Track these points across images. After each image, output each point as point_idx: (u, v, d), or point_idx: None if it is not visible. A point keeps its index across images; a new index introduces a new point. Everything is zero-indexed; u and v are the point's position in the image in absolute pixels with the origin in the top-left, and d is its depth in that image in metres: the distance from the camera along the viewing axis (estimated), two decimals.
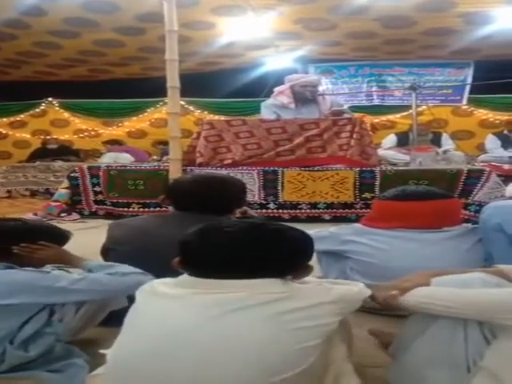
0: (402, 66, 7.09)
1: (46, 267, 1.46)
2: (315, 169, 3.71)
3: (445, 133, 5.91)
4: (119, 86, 7.28)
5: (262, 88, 6.34)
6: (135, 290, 1.05)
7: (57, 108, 7.90)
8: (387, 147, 5.62)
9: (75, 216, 3.91)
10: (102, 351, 0.99)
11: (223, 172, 3.56)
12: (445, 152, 5.18)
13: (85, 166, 4.09)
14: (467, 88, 6.99)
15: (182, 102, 5.96)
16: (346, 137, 3.82)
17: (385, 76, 7.19)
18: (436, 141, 5.52)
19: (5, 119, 7.95)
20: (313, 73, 6.87)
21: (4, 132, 7.99)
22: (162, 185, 3.42)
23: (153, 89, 5.92)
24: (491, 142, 5.79)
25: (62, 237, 1.55)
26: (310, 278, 1.11)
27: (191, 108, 7.47)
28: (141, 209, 3.83)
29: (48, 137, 7.60)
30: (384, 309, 1.39)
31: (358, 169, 3.65)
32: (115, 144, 7.09)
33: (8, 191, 5.86)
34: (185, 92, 3.87)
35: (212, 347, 0.88)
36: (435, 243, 1.74)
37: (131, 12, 4.97)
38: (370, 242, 1.81)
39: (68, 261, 1.49)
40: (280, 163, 3.81)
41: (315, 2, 4.77)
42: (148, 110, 7.73)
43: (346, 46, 6.32)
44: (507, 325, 1.00)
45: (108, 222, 1.95)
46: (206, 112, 7.54)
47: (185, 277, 1.00)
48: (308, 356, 0.92)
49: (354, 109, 6.00)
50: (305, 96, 4.20)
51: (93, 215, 3.95)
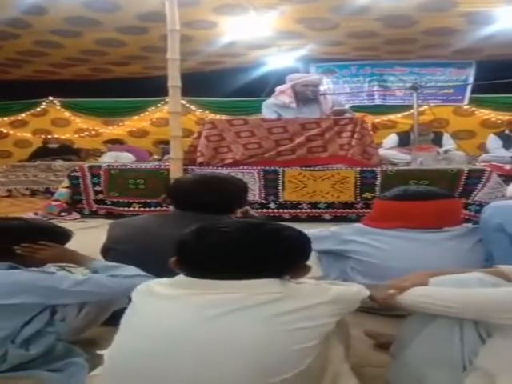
0: (404, 66, 7.08)
1: (49, 267, 1.47)
2: (316, 168, 3.70)
3: (446, 133, 5.90)
4: (120, 86, 7.28)
5: (264, 87, 6.34)
6: None
7: (58, 107, 7.90)
8: (388, 147, 5.62)
9: (75, 215, 3.91)
10: (100, 352, 0.99)
11: (224, 171, 3.55)
12: (446, 152, 5.17)
13: (85, 166, 4.09)
14: (469, 88, 6.98)
15: (183, 102, 5.95)
16: (347, 136, 3.81)
17: (386, 76, 7.18)
18: (437, 141, 5.51)
19: (5, 118, 7.96)
20: (314, 72, 6.86)
21: (5, 131, 8.00)
22: (163, 184, 3.42)
23: (154, 88, 5.93)
24: (492, 142, 5.79)
25: (64, 236, 1.55)
26: (309, 279, 1.10)
27: (192, 107, 7.47)
28: (141, 208, 3.83)
29: (49, 136, 7.59)
30: (383, 309, 1.39)
31: (359, 168, 3.65)
32: (116, 143, 7.07)
33: (8, 190, 5.86)
34: (186, 91, 3.87)
35: (209, 348, 0.87)
36: (436, 243, 1.74)
37: (133, 11, 4.97)
38: (371, 242, 1.81)
39: (72, 260, 1.49)
40: (281, 163, 3.81)
41: (317, 2, 4.77)
42: (149, 110, 7.73)
43: (348, 46, 6.31)
44: (503, 324, 1.00)
45: (108, 222, 1.95)
46: (207, 111, 7.53)
47: (181, 277, 0.99)
48: (306, 357, 0.91)
49: (355, 108, 5.99)
50: (306, 95, 4.20)
51: (93, 215, 3.94)
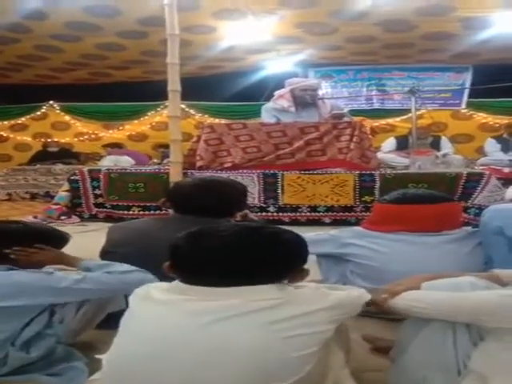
0: (402, 70, 7.11)
1: (47, 268, 1.47)
2: (315, 172, 3.71)
3: (444, 136, 5.92)
4: (120, 90, 7.30)
5: (262, 92, 6.35)
6: (137, 288, 1.04)
7: (58, 111, 7.91)
8: (387, 151, 5.63)
9: (75, 219, 3.91)
10: (98, 356, 0.98)
11: (223, 175, 3.56)
12: (444, 155, 5.18)
13: (85, 169, 4.10)
14: (466, 92, 7.01)
15: (183, 106, 5.97)
16: (346, 140, 3.82)
17: (384, 80, 7.21)
18: (435, 144, 5.53)
19: (6, 122, 7.97)
20: (313, 77, 6.89)
21: (5, 135, 8.00)
22: (163, 188, 3.42)
23: (154, 92, 5.96)
24: (490, 146, 5.80)
25: (62, 239, 1.56)
26: (308, 283, 1.09)
27: (192, 111, 7.49)
28: (141, 212, 3.83)
29: (49, 140, 7.60)
30: (380, 312, 1.39)
31: (358, 172, 3.66)
32: (116, 147, 7.07)
33: (8, 194, 5.86)
34: (185, 95, 3.89)
35: (206, 353, 0.86)
36: (435, 246, 1.75)
37: (133, 16, 4.99)
38: (371, 245, 1.81)
39: (66, 263, 1.50)
40: (280, 166, 3.82)
41: (316, 7, 4.80)
42: (149, 114, 7.75)
43: (346, 51, 6.34)
44: (495, 327, 1.00)
45: (108, 225, 1.95)
46: (207, 115, 7.55)
47: (177, 283, 0.97)
48: (305, 364, 0.89)
49: (354, 112, 6.00)
50: (305, 100, 4.21)
51: (93, 218, 3.94)
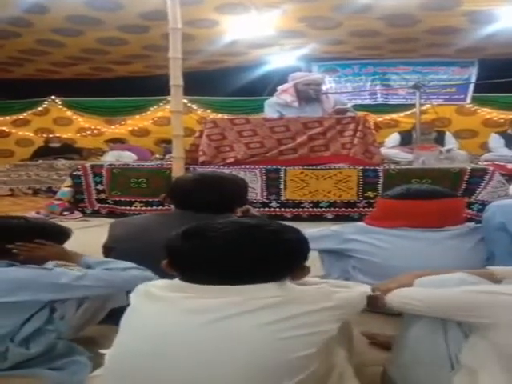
0: (406, 65, 7.06)
1: (48, 264, 1.47)
2: (318, 167, 3.70)
3: (448, 132, 5.90)
4: (122, 85, 7.28)
5: (266, 86, 6.34)
6: (137, 285, 1.03)
7: (60, 106, 7.91)
8: (390, 146, 5.60)
9: (78, 214, 3.91)
10: (102, 351, 0.98)
11: (226, 171, 3.55)
12: (448, 151, 5.15)
13: (88, 165, 4.10)
14: (471, 87, 6.96)
15: (185, 101, 5.94)
16: (350, 135, 3.80)
17: (389, 74, 7.17)
18: (439, 140, 5.49)
19: (7, 117, 7.96)
20: (316, 71, 6.84)
21: (7, 130, 8.00)
22: (165, 183, 3.42)
23: (156, 87, 5.93)
24: (495, 141, 5.76)
25: (63, 234, 1.56)
26: (311, 278, 1.08)
27: (194, 106, 7.47)
28: (143, 207, 3.83)
29: (51, 135, 7.60)
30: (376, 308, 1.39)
31: (361, 167, 3.64)
32: (118, 142, 7.06)
33: (10, 189, 5.88)
34: (188, 90, 3.87)
35: (207, 351, 0.85)
36: (438, 242, 1.74)
37: (135, 10, 4.96)
38: (373, 241, 1.80)
39: (67, 258, 1.49)
40: (283, 162, 3.80)
41: (319, 1, 4.76)
42: (151, 109, 7.73)
43: (350, 45, 6.30)
44: (472, 322, 1.00)
45: (110, 221, 1.95)
46: (209, 110, 7.53)
47: (177, 281, 0.96)
48: (308, 363, 0.88)
49: (358, 107, 5.97)
50: (308, 94, 4.18)
51: (95, 214, 3.94)
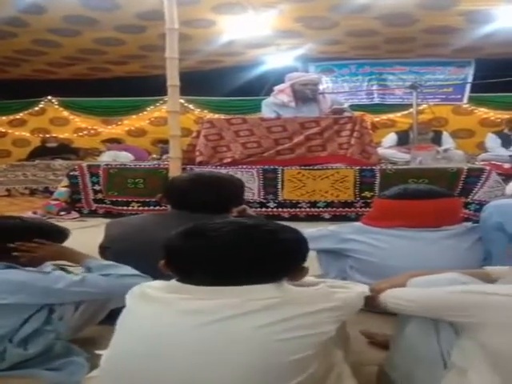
0: (403, 65, 7.07)
1: (47, 265, 1.46)
2: (315, 167, 3.70)
3: (445, 131, 5.91)
4: (119, 85, 7.27)
5: (262, 86, 6.33)
6: None
7: (56, 106, 7.89)
8: (387, 146, 5.61)
9: (74, 215, 3.91)
10: (99, 352, 0.98)
11: (223, 171, 3.55)
12: (445, 151, 5.17)
13: (84, 165, 4.09)
14: (468, 87, 6.98)
15: (182, 101, 5.94)
16: (347, 135, 3.81)
17: (385, 74, 7.18)
18: (436, 139, 5.50)
19: (4, 117, 7.94)
20: (313, 71, 6.85)
21: (3, 130, 7.98)
22: (162, 183, 3.42)
23: (153, 87, 5.92)
24: (491, 141, 5.78)
25: (61, 234, 1.55)
26: (308, 278, 1.07)
27: (191, 106, 7.46)
28: (140, 207, 3.82)
29: (47, 135, 7.59)
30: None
31: (358, 167, 3.64)
32: (115, 142, 7.05)
33: (7, 190, 5.86)
34: (185, 90, 3.86)
35: (203, 352, 0.84)
36: (435, 242, 1.74)
37: (131, 10, 4.95)
38: (370, 241, 1.81)
39: (68, 258, 1.48)
40: (280, 162, 3.80)
41: (316, 1, 4.76)
42: (148, 109, 7.72)
43: (347, 45, 6.31)
44: (461, 322, 1.00)
45: (107, 221, 1.95)
46: (206, 110, 7.53)
47: (173, 282, 0.95)
48: (306, 365, 0.87)
49: (355, 107, 5.98)
50: (305, 94, 4.19)
51: (92, 214, 3.94)
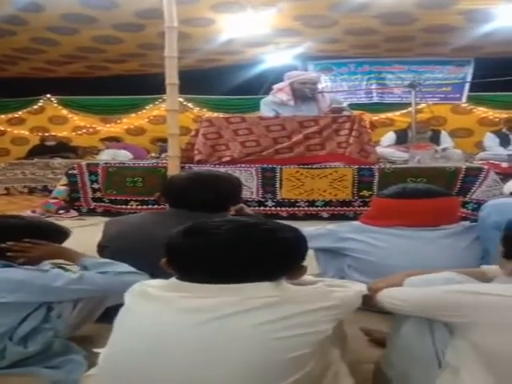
0: (402, 64, 7.07)
1: (45, 264, 1.47)
2: (314, 166, 3.70)
3: (444, 131, 5.92)
4: (118, 83, 7.25)
5: (261, 85, 6.33)
6: None
7: (55, 105, 7.87)
8: (386, 145, 5.61)
9: (73, 213, 3.90)
10: (97, 350, 0.98)
11: (222, 169, 3.55)
12: (443, 150, 5.18)
13: (83, 163, 4.09)
14: (467, 86, 6.98)
15: (181, 99, 5.93)
16: (345, 134, 3.81)
17: (384, 73, 7.18)
18: (435, 139, 5.51)
19: (3, 116, 7.93)
20: (312, 70, 6.85)
21: (2, 129, 7.97)
22: (161, 182, 3.41)
23: (151, 86, 5.92)
24: (490, 140, 5.79)
25: (61, 234, 1.56)
26: (307, 277, 1.08)
27: (190, 105, 7.45)
28: (139, 206, 3.82)
29: (46, 134, 7.57)
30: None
31: (357, 166, 3.65)
32: (113, 141, 7.04)
33: (6, 188, 5.85)
34: (184, 89, 3.87)
35: (201, 350, 0.85)
36: (433, 241, 1.74)
37: (130, 8, 4.94)
38: (368, 240, 1.81)
39: (64, 257, 1.49)
40: (279, 161, 3.80)
41: None
42: (146, 107, 7.71)
43: (346, 43, 6.30)
44: (454, 322, 1.00)
45: (106, 220, 1.95)
46: (205, 109, 7.52)
47: (173, 280, 0.96)
48: (304, 363, 0.87)
49: (353, 106, 5.97)
50: (304, 93, 4.18)
51: (91, 212, 3.94)
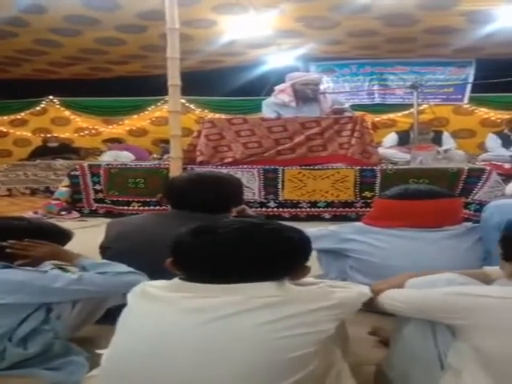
0: (404, 65, 7.07)
1: (45, 265, 1.47)
2: (316, 167, 3.70)
3: (446, 132, 5.90)
4: (120, 84, 7.27)
5: (263, 86, 6.32)
6: (129, 290, 1.03)
7: (57, 106, 7.89)
8: (388, 146, 5.60)
9: (75, 214, 3.91)
10: (99, 351, 0.98)
11: (223, 170, 3.55)
12: (446, 151, 5.17)
13: (85, 165, 4.09)
14: (468, 87, 6.97)
15: (183, 101, 5.95)
16: (347, 135, 3.80)
17: (386, 74, 7.18)
18: (437, 140, 5.50)
19: (5, 117, 7.95)
20: (314, 71, 6.85)
21: (5, 130, 7.99)
22: (163, 183, 3.41)
23: (154, 87, 5.92)
24: (492, 141, 5.77)
25: (63, 235, 1.57)
26: (308, 278, 1.08)
27: (192, 106, 7.46)
28: (141, 207, 3.82)
29: (48, 135, 7.59)
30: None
31: (359, 167, 3.64)
32: (116, 142, 7.05)
33: (8, 189, 5.86)
34: (186, 90, 3.87)
35: (204, 350, 0.85)
36: (435, 242, 1.74)
37: (132, 10, 4.96)
38: (371, 241, 1.81)
39: (61, 257, 1.49)
40: (281, 162, 3.80)
41: (317, 0, 4.76)
42: (149, 109, 7.72)
43: (348, 45, 6.31)
44: (454, 324, 1.00)
45: (108, 221, 1.95)
46: (207, 110, 7.53)
47: (175, 280, 0.96)
48: (306, 363, 0.88)
49: (355, 107, 5.97)
50: (306, 94, 4.18)
51: (93, 214, 3.94)
